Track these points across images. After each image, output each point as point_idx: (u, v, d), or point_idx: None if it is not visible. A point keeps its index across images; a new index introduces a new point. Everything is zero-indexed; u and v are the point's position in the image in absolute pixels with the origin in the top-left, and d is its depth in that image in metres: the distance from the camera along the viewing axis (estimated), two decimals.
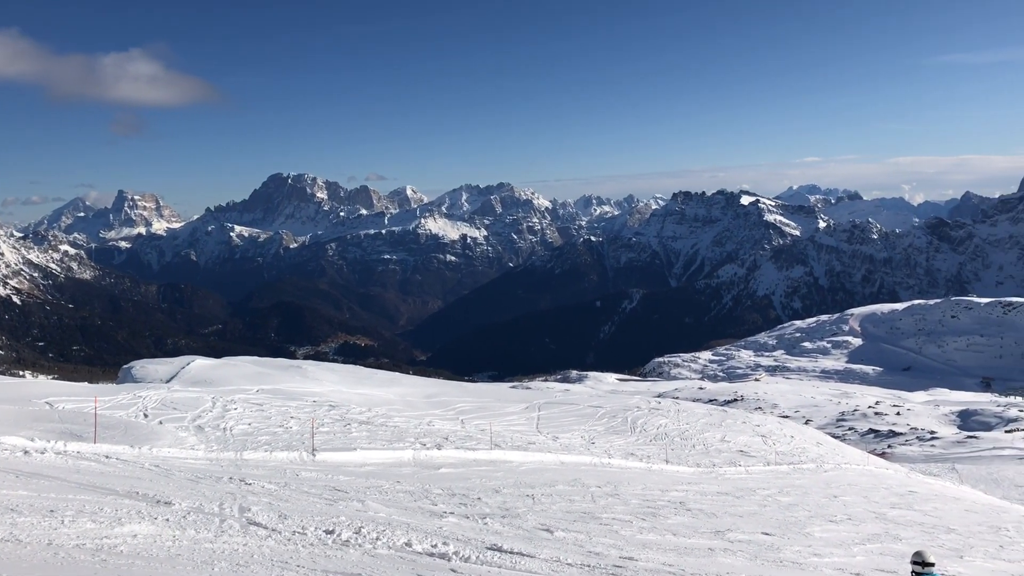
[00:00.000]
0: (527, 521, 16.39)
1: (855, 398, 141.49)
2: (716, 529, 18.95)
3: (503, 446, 32.89)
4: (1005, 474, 74.69)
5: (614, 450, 39.36)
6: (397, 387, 55.04)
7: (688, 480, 32.06)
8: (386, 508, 15.45)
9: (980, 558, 19.08)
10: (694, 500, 24.76)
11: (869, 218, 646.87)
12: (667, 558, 13.94)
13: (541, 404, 55.29)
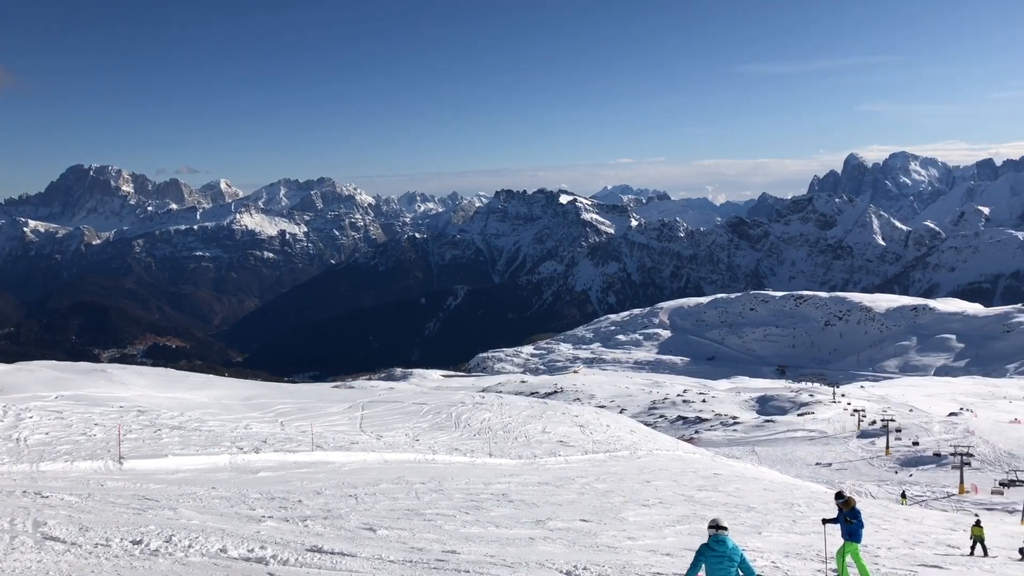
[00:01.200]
0: (350, 521, 16.19)
1: (665, 387, 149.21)
2: (537, 519, 19.45)
3: (325, 447, 32.28)
4: (798, 454, 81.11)
5: (438, 446, 39.53)
6: (212, 390, 52.74)
7: (511, 472, 32.71)
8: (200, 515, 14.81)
9: (776, 533, 20.62)
10: (516, 491, 25.29)
11: (677, 217, 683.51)
12: (489, 549, 14.18)
13: (364, 403, 54.67)
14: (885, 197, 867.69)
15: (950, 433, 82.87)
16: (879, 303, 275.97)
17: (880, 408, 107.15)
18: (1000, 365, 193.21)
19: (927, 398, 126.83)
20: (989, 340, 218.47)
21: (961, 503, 54.40)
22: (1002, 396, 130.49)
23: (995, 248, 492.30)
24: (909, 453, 75.94)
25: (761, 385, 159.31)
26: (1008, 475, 62.05)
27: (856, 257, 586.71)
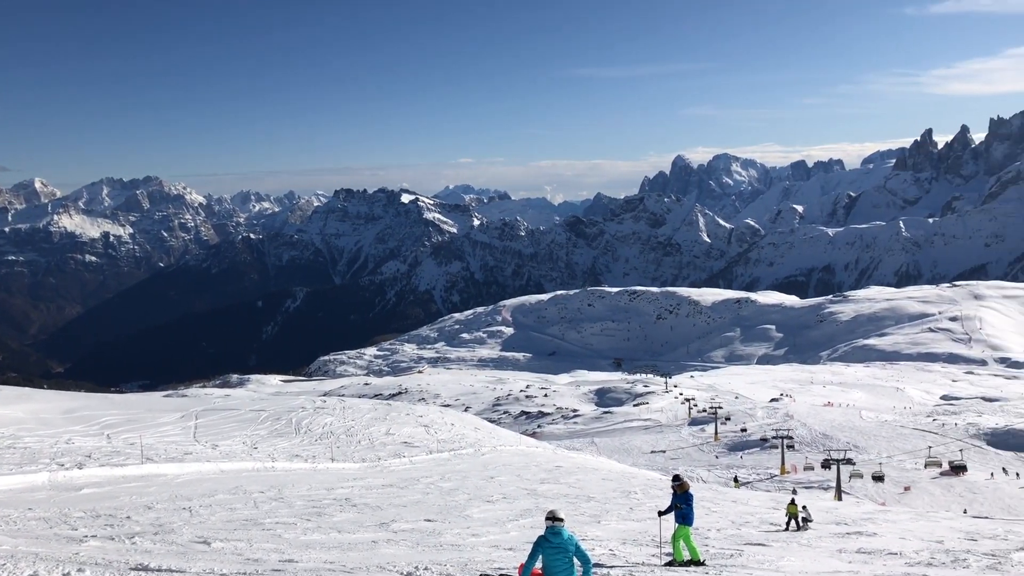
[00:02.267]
0: (182, 535, 15.44)
1: (509, 384, 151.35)
2: (381, 521, 19.25)
3: (156, 459, 30.67)
4: (634, 443, 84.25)
5: (278, 453, 38.41)
6: (28, 403, 48.96)
7: (354, 476, 32.21)
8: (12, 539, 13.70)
9: (614, 521, 21.31)
10: (360, 495, 24.94)
11: (517, 216, 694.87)
12: (330, 556, 13.91)
13: (199, 412, 52.40)
14: (710, 196, 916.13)
15: (772, 418, 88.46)
16: (706, 297, 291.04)
17: (709, 396, 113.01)
18: (815, 352, 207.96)
19: (751, 385, 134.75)
20: (805, 329, 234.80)
21: (783, 483, 58.21)
22: (817, 381, 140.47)
23: (808, 244, 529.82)
24: (736, 438, 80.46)
25: (599, 378, 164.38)
26: (823, 455, 66.88)
27: (684, 254, 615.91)
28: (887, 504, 47.06)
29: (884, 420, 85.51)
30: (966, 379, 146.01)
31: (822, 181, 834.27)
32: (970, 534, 19.15)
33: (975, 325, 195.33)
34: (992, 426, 77.76)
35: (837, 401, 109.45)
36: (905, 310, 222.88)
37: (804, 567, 13.53)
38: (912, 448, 69.19)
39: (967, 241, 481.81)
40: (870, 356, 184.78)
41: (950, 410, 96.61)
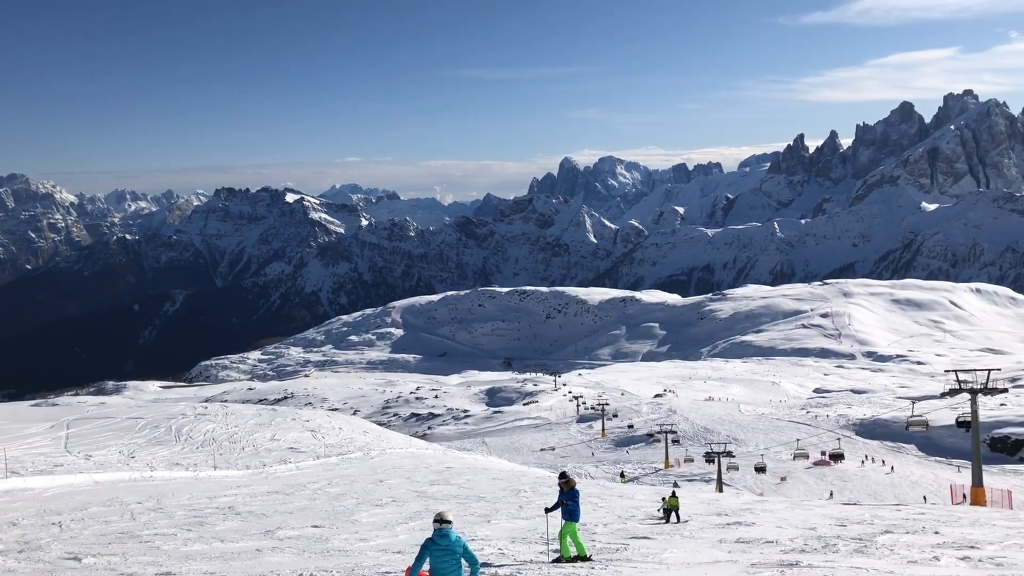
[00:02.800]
0: (51, 552, 14.66)
1: (399, 385, 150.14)
2: (266, 529, 18.79)
3: (22, 472, 29.03)
4: (524, 442, 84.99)
5: (157, 462, 36.96)
6: None
7: (238, 483, 31.31)
8: None
9: (504, 519, 21.43)
10: (244, 503, 24.27)
11: (407, 217, 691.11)
12: (211, 566, 13.48)
13: (70, 421, 49.88)
14: (596, 198, 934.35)
15: (656, 413, 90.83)
16: (593, 296, 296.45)
17: (596, 394, 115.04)
18: (696, 349, 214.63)
19: (636, 382, 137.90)
20: (686, 327, 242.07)
21: (667, 476, 59.85)
22: (698, 377, 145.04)
23: (689, 244, 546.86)
24: (623, 434, 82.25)
25: (490, 378, 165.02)
26: (705, 448, 69.11)
27: (572, 254, 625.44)
28: (765, 494, 49.05)
29: (761, 413, 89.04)
30: (837, 373, 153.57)
31: (702, 184, 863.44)
32: (840, 520, 20.12)
33: (844, 321, 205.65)
34: (860, 417, 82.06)
35: (718, 396, 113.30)
36: (780, 307, 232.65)
37: (686, 558, 13.94)
38: (788, 440, 72.30)
39: (836, 241, 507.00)
40: (748, 352, 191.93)
41: (822, 402, 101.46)
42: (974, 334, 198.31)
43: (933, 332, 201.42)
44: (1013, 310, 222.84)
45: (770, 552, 14.33)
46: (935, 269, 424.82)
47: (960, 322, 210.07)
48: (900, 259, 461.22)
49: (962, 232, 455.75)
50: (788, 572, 11.90)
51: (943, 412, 72.80)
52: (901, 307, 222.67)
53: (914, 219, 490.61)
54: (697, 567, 12.94)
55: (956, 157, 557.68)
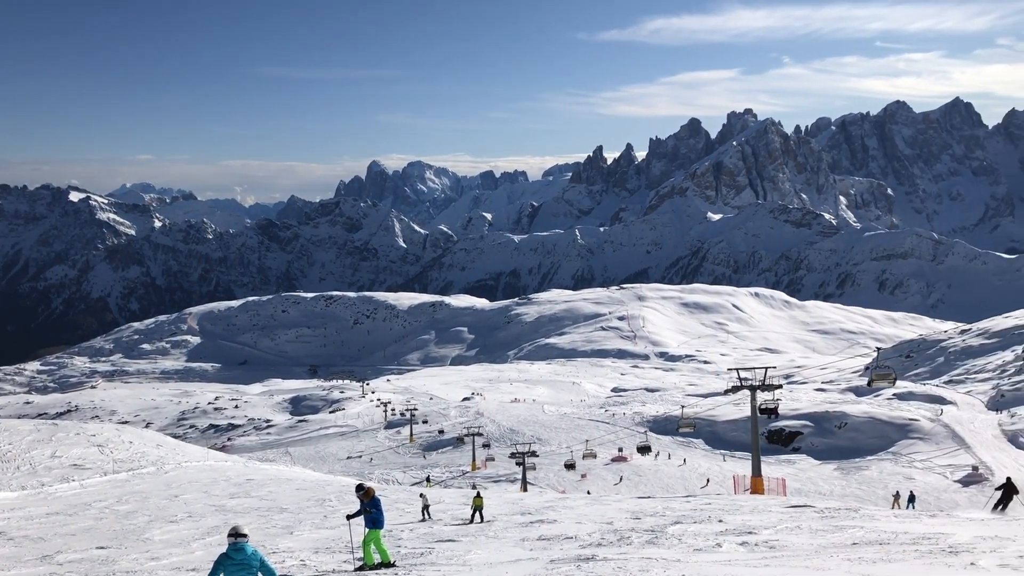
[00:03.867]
0: None
1: (196, 396, 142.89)
2: (44, 554, 17.37)
3: None
4: (330, 450, 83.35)
5: None
6: None
7: (12, 506, 28.69)
8: None
9: (308, 530, 20.95)
10: (18, 527, 22.30)
11: (204, 218, 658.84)
12: None
13: None
14: (405, 203, 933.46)
15: (464, 416, 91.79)
16: (402, 301, 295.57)
17: (405, 399, 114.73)
18: (503, 352, 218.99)
19: (445, 386, 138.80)
20: (494, 331, 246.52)
21: (474, 478, 60.65)
22: (505, 379, 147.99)
23: (497, 250, 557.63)
24: (431, 439, 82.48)
25: (294, 386, 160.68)
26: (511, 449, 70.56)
27: (381, 258, 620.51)
28: (567, 492, 50.80)
29: (564, 413, 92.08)
30: (632, 372, 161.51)
31: (508, 191, 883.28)
32: (635, 513, 21.18)
33: (639, 323, 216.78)
34: (654, 414, 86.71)
35: (523, 397, 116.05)
36: (581, 311, 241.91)
37: (490, 558, 14.21)
38: (588, 437, 75.20)
39: (632, 248, 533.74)
40: (552, 354, 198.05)
41: (619, 401, 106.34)
42: (754, 335, 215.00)
43: (718, 333, 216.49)
44: (787, 312, 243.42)
45: (569, 547, 14.87)
46: (720, 275, 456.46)
47: (741, 324, 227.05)
48: (689, 265, 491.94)
49: (743, 240, 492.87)
50: (584, 566, 12.40)
51: (727, 408, 78.39)
52: (690, 310, 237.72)
53: (701, 228, 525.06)
54: (499, 566, 13.22)
55: (738, 171, 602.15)
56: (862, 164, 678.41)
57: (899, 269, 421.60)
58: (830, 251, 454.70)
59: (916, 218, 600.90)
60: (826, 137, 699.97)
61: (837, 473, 60.23)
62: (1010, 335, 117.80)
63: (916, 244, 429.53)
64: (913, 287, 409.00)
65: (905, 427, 68.22)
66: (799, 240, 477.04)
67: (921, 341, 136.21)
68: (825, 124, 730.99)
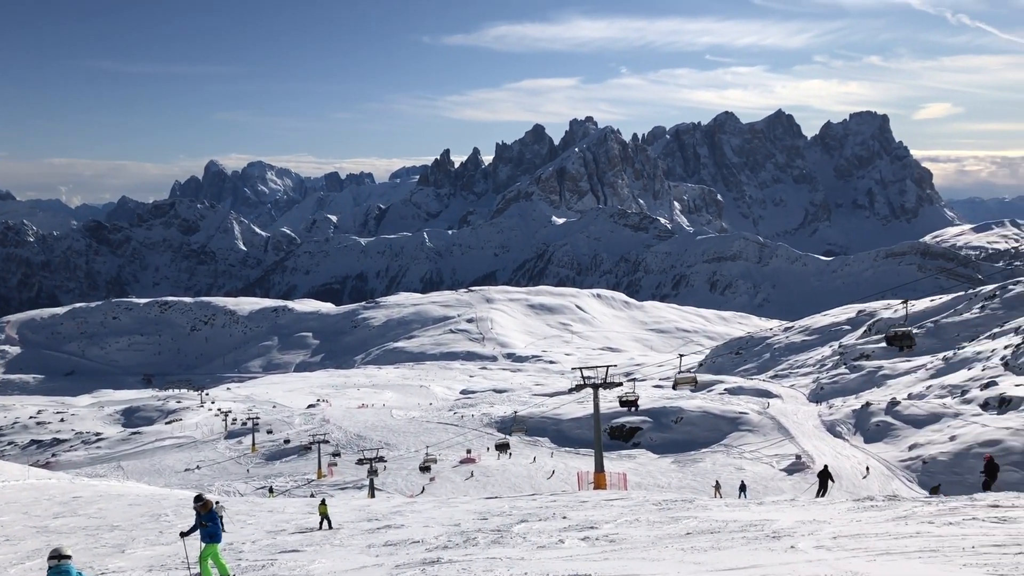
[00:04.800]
0: None
1: (16, 410, 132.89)
2: None
3: None
4: (167, 463, 79.49)
5: None
6: None
7: None
8: None
9: (141, 547, 19.91)
10: None
11: (24, 220, 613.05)
12: None
13: None
14: (245, 204, 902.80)
15: (309, 424, 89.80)
16: (243, 306, 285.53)
17: (247, 408, 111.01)
18: (350, 357, 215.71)
19: (289, 393, 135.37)
20: (340, 335, 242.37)
21: (320, 486, 59.42)
22: (352, 385, 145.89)
23: (343, 253, 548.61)
24: (274, 448, 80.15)
25: (127, 397, 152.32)
26: (358, 455, 69.61)
27: (220, 262, 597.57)
28: (415, 496, 50.63)
29: (413, 417, 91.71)
30: (481, 374, 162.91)
31: (354, 193, 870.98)
32: (482, 514, 21.40)
33: (487, 325, 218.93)
34: (501, 415, 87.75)
35: (370, 402, 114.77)
36: (430, 314, 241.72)
37: (334, 567, 14.00)
38: (437, 441, 75.23)
39: (480, 251, 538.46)
40: (400, 358, 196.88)
41: (468, 403, 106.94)
42: (596, 334, 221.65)
43: (563, 334, 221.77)
44: (627, 312, 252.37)
45: (415, 551, 14.87)
46: (564, 277, 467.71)
47: (585, 324, 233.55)
48: (535, 268, 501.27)
49: (586, 244, 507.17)
50: (429, 569, 12.43)
51: (571, 406, 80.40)
52: (536, 312, 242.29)
53: (546, 232, 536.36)
54: (344, 574, 13.05)
55: (580, 176, 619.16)
56: (694, 171, 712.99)
57: (728, 271, 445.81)
58: (666, 254, 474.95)
59: (743, 223, 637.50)
60: (661, 145, 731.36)
61: (674, 466, 62.95)
62: (828, 332, 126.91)
63: (744, 247, 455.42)
64: (741, 287, 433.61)
65: (736, 420, 72.08)
66: (637, 243, 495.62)
67: (749, 338, 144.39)
68: (660, 133, 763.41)
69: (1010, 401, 59.73)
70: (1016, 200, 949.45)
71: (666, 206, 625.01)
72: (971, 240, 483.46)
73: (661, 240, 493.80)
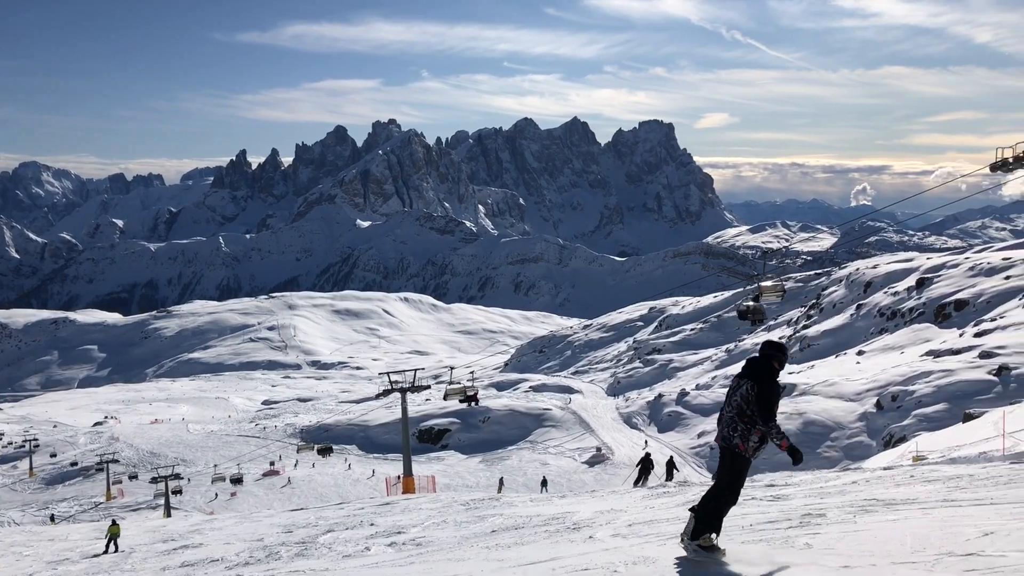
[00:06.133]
0: None
1: None
2: None
3: None
4: None
5: None
6: None
7: None
8: None
9: None
10: None
11: None
12: None
13: None
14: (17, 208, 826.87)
15: (96, 443, 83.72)
16: (16, 319, 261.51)
17: (23, 429, 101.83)
18: (141, 370, 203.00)
19: (72, 411, 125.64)
20: (130, 347, 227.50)
21: (109, 509, 55.53)
22: (144, 400, 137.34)
23: (131, 259, 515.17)
24: (56, 471, 74.06)
25: None
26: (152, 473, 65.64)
27: None
28: (216, 512, 48.40)
29: (211, 431, 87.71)
30: (284, 383, 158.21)
31: (142, 196, 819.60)
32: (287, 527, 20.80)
33: (290, 333, 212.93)
34: (306, 424, 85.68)
35: (164, 417, 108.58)
36: (228, 322, 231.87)
37: None
38: (238, 454, 72.34)
39: (281, 256, 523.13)
40: (196, 369, 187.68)
41: (271, 414, 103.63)
42: (404, 338, 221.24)
43: (370, 339, 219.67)
44: (434, 315, 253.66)
45: (215, 570, 14.24)
46: (370, 281, 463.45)
47: (393, 328, 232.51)
48: (340, 272, 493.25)
49: (392, 247, 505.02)
50: None
51: (380, 412, 79.80)
52: (342, 317, 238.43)
53: (351, 235, 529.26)
54: None
55: (385, 179, 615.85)
56: (497, 175, 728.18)
57: (531, 272, 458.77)
58: (472, 256, 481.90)
59: (544, 226, 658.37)
60: (465, 149, 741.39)
61: (482, 465, 63.99)
62: (623, 328, 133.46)
63: (545, 249, 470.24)
64: (544, 288, 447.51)
65: (540, 416, 74.30)
66: (444, 246, 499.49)
67: (551, 337, 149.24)
68: (464, 137, 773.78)
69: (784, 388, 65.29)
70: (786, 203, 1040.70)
71: (471, 209, 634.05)
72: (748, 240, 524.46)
73: (467, 243, 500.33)
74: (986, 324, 59.91)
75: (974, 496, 10.63)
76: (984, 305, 66.52)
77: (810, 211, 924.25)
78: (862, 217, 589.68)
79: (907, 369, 55.53)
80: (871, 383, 56.12)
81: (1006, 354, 50.40)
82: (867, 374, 59.12)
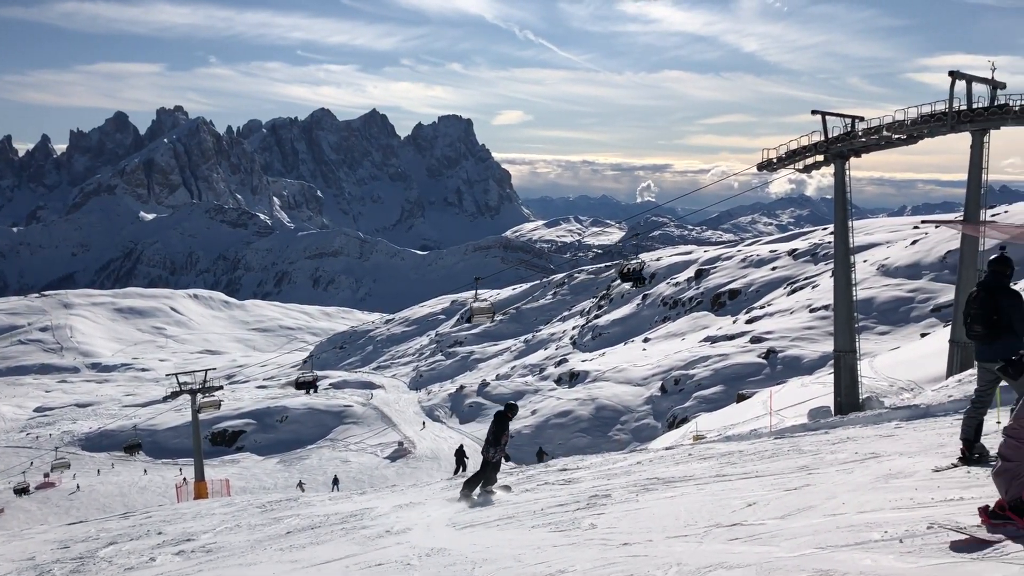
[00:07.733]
0: None
1: None
2: None
3: None
4: None
5: None
6: None
7: None
8: None
9: None
10: None
11: None
12: None
13: None
14: None
15: None
16: None
17: None
18: None
19: None
20: None
21: None
22: None
23: None
24: None
25: None
26: None
27: None
28: None
29: None
30: (60, 388, 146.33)
31: None
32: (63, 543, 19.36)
33: (66, 334, 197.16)
34: (87, 431, 79.81)
35: None
36: None
37: None
38: (7, 467, 66.28)
39: (54, 250, 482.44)
40: None
41: (44, 421, 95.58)
42: (194, 338, 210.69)
43: (156, 338, 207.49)
44: (227, 312, 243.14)
45: None
46: (156, 277, 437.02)
47: (181, 327, 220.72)
48: (122, 268, 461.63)
49: (180, 241, 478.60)
50: None
51: (168, 415, 75.70)
52: (124, 316, 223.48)
53: (134, 228, 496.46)
54: None
55: (171, 169, 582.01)
56: (293, 167, 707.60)
57: (331, 266, 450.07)
58: (267, 251, 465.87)
59: (344, 219, 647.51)
60: (258, 139, 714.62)
61: (280, 466, 62.28)
62: (425, 322, 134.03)
63: (345, 243, 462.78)
64: (344, 282, 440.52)
65: (340, 414, 73.28)
66: (236, 240, 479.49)
67: (352, 332, 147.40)
68: (256, 126, 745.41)
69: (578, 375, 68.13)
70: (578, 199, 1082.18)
71: (265, 202, 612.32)
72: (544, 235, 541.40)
73: (261, 236, 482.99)
74: (756, 311, 65.37)
75: (742, 470, 11.63)
76: (754, 294, 72.51)
77: (600, 207, 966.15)
78: (646, 212, 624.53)
79: (688, 354, 59.56)
80: (656, 368, 59.72)
81: (773, 339, 55.23)
82: (652, 360, 62.84)
